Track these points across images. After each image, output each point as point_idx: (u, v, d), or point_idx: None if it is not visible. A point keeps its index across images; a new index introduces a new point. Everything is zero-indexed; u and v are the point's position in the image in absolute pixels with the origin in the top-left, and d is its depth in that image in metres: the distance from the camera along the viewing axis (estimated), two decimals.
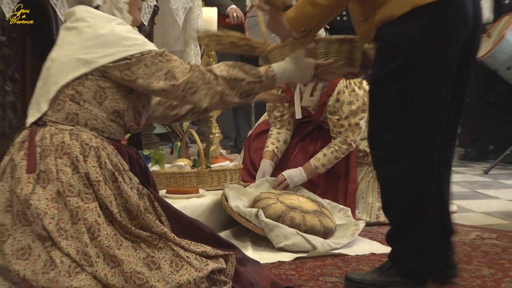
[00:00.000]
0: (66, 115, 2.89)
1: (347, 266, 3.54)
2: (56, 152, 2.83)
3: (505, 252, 3.78)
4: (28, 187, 2.77)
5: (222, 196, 4.00)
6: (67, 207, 2.76)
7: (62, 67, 2.88)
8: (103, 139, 2.91)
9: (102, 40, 2.87)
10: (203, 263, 2.86)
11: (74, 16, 2.95)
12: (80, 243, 2.72)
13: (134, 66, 2.86)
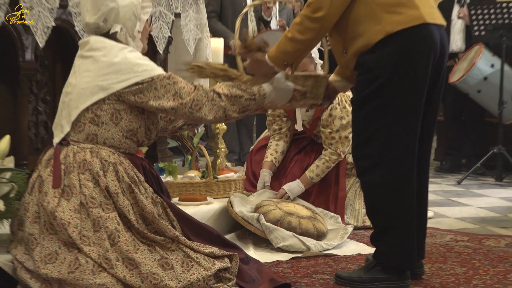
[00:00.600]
0: (87, 135, 2.90)
1: (337, 265, 3.56)
2: (79, 169, 2.84)
3: (475, 253, 3.79)
4: (54, 201, 2.78)
5: (227, 203, 4.02)
6: (89, 217, 2.78)
7: (82, 93, 2.88)
8: (120, 155, 2.93)
9: (116, 68, 2.88)
10: (210, 263, 2.88)
11: (89, 45, 2.96)
12: (102, 249, 2.73)
13: (146, 90, 2.87)
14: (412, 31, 3.00)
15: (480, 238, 4.16)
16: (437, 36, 3.10)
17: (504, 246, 3.96)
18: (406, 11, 3.02)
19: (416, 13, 3.04)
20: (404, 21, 3.02)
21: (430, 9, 3.14)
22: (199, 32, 4.77)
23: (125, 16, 3.01)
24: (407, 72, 3.02)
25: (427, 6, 3.13)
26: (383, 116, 3.04)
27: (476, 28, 6.43)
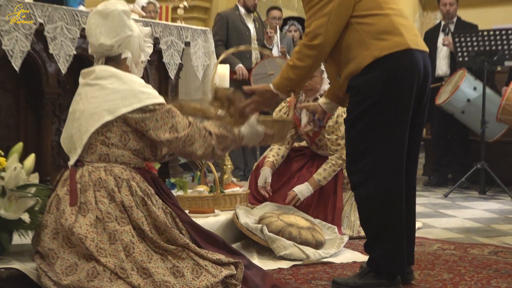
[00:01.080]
0: (99, 156, 2.91)
1: (334, 271, 3.55)
2: (94, 187, 2.84)
3: (461, 260, 3.78)
4: (71, 218, 2.78)
5: (233, 215, 4.02)
6: (105, 231, 2.77)
7: (90, 117, 2.88)
8: (131, 170, 2.93)
9: (122, 94, 2.89)
10: (218, 270, 2.87)
11: (94, 74, 2.97)
12: (117, 259, 2.73)
13: (148, 119, 2.89)
14: (397, 55, 3.06)
15: (466, 246, 4.15)
16: (420, 60, 3.15)
17: (488, 254, 3.95)
18: (392, 38, 3.09)
19: (400, 40, 3.10)
20: (390, 47, 3.08)
21: (413, 37, 3.19)
22: (207, 59, 4.80)
23: (134, 45, 3.07)
24: (394, 93, 3.07)
25: (411, 34, 3.18)
26: (373, 134, 3.08)
27: (460, 54, 6.45)
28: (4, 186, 2.83)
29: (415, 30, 3.30)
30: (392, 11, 3.21)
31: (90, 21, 3.04)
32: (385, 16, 3.18)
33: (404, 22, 3.24)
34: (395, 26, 3.15)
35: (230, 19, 6.80)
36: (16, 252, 2.99)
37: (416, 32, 3.31)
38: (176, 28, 4.56)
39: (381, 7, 3.20)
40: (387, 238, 3.12)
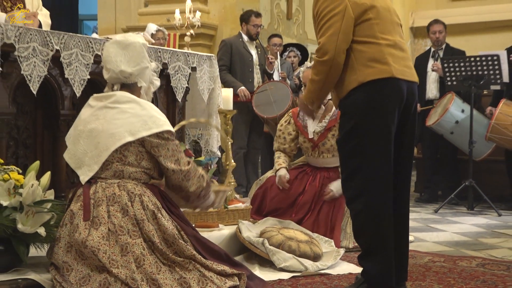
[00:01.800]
0: (114, 172, 2.94)
1: (331, 282, 3.54)
2: (108, 201, 2.86)
3: (451, 272, 3.78)
4: (84, 232, 2.80)
5: (236, 229, 4.03)
6: (117, 243, 2.79)
7: (111, 136, 2.91)
8: (142, 185, 2.97)
9: (142, 119, 2.95)
10: (222, 282, 2.89)
11: (114, 98, 3.02)
12: (129, 271, 2.74)
13: (161, 147, 2.97)
14: (380, 82, 3.15)
15: (455, 259, 4.14)
16: (404, 89, 3.22)
17: (475, 266, 3.94)
18: (378, 66, 3.18)
19: (386, 68, 3.18)
20: (374, 73, 3.17)
21: (402, 67, 3.26)
22: (212, 83, 4.82)
23: (147, 76, 3.17)
24: (375, 116, 3.14)
25: (400, 64, 3.24)
26: (360, 154, 3.15)
27: (449, 78, 6.47)
28: (22, 201, 2.84)
29: (407, 61, 3.35)
30: (385, 41, 3.27)
31: (109, 50, 3.10)
32: (377, 45, 3.25)
33: (396, 52, 3.29)
34: (383, 56, 3.22)
35: (234, 46, 6.83)
36: (33, 264, 3.00)
37: (408, 63, 3.37)
38: (183, 54, 4.59)
39: (376, 36, 3.27)
40: (377, 252, 3.13)
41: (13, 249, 2.86)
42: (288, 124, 4.74)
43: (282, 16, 9.56)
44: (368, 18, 3.31)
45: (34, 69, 3.42)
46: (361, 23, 3.28)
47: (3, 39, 3.26)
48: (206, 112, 4.92)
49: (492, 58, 6.24)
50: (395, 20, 3.45)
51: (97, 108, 3.02)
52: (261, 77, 6.92)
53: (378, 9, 3.34)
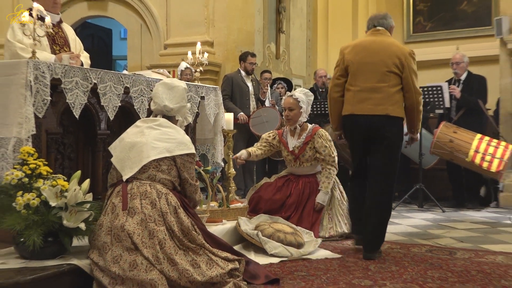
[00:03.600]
0: (148, 175, 3.00)
1: (311, 265, 3.54)
2: (141, 196, 2.92)
3: (405, 256, 3.79)
4: (123, 219, 2.84)
5: (236, 224, 4.02)
6: (146, 229, 2.83)
7: (153, 149, 3.02)
8: (167, 188, 3.03)
9: (177, 141, 3.10)
10: (225, 264, 2.92)
11: (158, 122, 3.16)
12: (154, 250, 2.77)
13: (187, 163, 3.14)
14: (345, 117, 3.92)
15: (408, 246, 4.15)
16: (362, 120, 3.80)
17: (425, 252, 3.95)
18: (346, 106, 3.90)
19: (348, 107, 3.87)
20: (344, 110, 3.91)
21: (360, 105, 3.80)
22: (217, 109, 4.83)
23: (183, 113, 3.35)
24: (348, 138, 4.00)
25: (364, 103, 3.78)
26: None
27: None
28: (66, 203, 2.85)
29: (374, 100, 3.76)
30: (357, 87, 3.82)
31: (158, 88, 3.28)
32: (351, 91, 3.85)
33: (363, 95, 3.78)
34: (350, 99, 3.85)
35: (234, 79, 6.87)
36: (75, 252, 3.00)
37: (375, 102, 3.76)
38: (194, 86, 4.61)
39: (351, 84, 3.85)
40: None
41: (60, 240, 2.86)
42: (274, 139, 4.76)
43: (271, 56, 9.60)
44: (351, 71, 3.85)
45: (76, 98, 3.43)
46: (348, 73, 3.86)
47: (52, 75, 3.27)
48: (212, 131, 4.93)
49: (436, 88, 6.28)
50: (378, 70, 3.78)
51: (144, 128, 3.14)
52: (255, 104, 6.95)
53: (358, 64, 3.83)
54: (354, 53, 3.85)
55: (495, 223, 5.34)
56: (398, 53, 3.76)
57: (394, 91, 3.76)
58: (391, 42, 3.85)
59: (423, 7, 11.79)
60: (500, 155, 5.67)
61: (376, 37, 3.89)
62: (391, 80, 3.76)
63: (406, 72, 3.75)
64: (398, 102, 3.78)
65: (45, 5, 3.90)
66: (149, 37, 8.72)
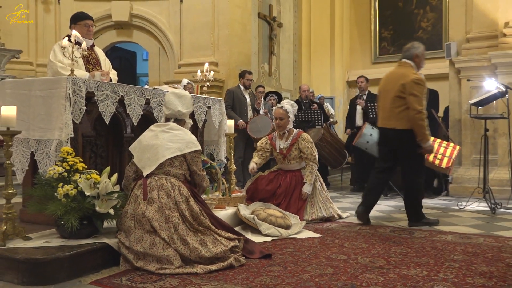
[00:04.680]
0: (164, 171, 2.97)
1: (297, 243, 3.53)
2: (158, 188, 2.91)
3: (373, 236, 3.78)
4: (144, 207, 2.84)
5: (236, 209, 4.00)
6: (163, 215, 2.82)
7: (167, 149, 3.00)
8: (180, 181, 3.01)
9: (186, 141, 3.06)
10: (228, 243, 2.92)
11: (169, 126, 3.11)
12: (169, 233, 2.76)
13: (195, 158, 3.10)
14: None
15: (376, 227, 4.14)
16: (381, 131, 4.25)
17: (389, 232, 3.94)
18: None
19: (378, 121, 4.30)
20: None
21: (380, 120, 4.23)
22: (221, 116, 4.82)
23: (188, 117, 3.33)
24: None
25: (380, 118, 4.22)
26: None
27: (371, 112, 6.47)
28: (99, 192, 2.83)
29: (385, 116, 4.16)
30: (380, 108, 4.27)
31: (170, 97, 3.26)
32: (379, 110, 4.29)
33: (380, 113, 4.23)
34: (378, 115, 4.27)
35: (235, 93, 6.84)
36: (105, 233, 2.99)
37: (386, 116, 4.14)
38: (203, 98, 4.59)
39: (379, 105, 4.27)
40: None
41: (93, 223, 2.85)
42: (266, 144, 4.74)
43: (265, 74, 9.60)
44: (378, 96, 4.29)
45: (107, 108, 3.41)
46: None
47: (87, 89, 3.25)
48: (217, 135, 4.92)
49: None
50: (390, 95, 4.12)
51: (158, 131, 3.11)
52: (252, 112, 6.93)
53: (380, 91, 4.29)
54: (381, 84, 4.30)
55: (445, 208, 5.34)
56: (403, 81, 4.03)
57: (399, 110, 4.05)
58: (403, 73, 4.09)
59: (387, 34, 11.81)
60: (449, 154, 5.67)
61: (396, 69, 4.21)
62: (398, 102, 4.06)
63: (406, 94, 3.99)
64: (403, 118, 4.03)
65: (81, 33, 3.95)
66: (166, 59, 8.70)
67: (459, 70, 6.52)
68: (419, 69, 4.20)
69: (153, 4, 8.64)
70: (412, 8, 11.49)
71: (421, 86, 3.98)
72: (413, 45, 4.19)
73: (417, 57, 4.16)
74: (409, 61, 4.16)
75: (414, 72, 4.07)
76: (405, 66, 4.14)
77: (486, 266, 2.88)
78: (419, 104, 3.96)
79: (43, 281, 2.48)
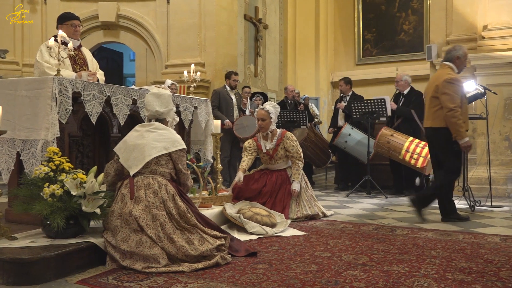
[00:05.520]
0: (151, 170, 2.94)
1: (282, 241, 3.52)
2: (145, 187, 2.88)
3: (357, 233, 3.79)
4: (131, 206, 2.81)
5: (223, 208, 3.98)
6: (150, 213, 2.80)
7: (152, 148, 2.96)
8: (167, 180, 2.98)
9: (172, 140, 3.03)
10: (214, 241, 2.91)
11: (154, 126, 3.06)
12: (156, 231, 2.75)
13: (180, 157, 3.06)
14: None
15: (359, 225, 4.16)
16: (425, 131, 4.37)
17: (372, 229, 3.96)
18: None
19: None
20: None
21: (424, 120, 4.34)
22: (207, 117, 4.81)
23: (172, 114, 3.25)
24: None
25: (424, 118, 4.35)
26: None
27: (355, 113, 6.48)
28: (85, 192, 2.80)
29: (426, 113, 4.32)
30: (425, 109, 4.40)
31: (149, 98, 3.19)
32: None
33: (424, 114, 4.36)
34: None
35: (221, 93, 6.83)
36: (92, 232, 2.95)
37: (426, 115, 4.32)
38: (189, 98, 4.57)
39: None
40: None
41: (79, 223, 2.82)
42: (252, 144, 4.73)
43: (251, 75, 9.59)
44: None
45: (93, 108, 3.37)
46: None
47: (74, 89, 3.22)
48: (204, 134, 4.90)
49: (380, 101, 6.31)
50: (428, 96, 4.27)
51: (143, 131, 3.05)
52: (238, 113, 6.92)
53: (424, 93, 4.41)
54: (426, 85, 4.40)
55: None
56: (437, 82, 4.15)
57: (435, 110, 4.18)
58: (439, 74, 4.23)
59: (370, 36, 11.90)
60: (424, 154, 5.74)
61: (437, 72, 4.36)
62: (434, 102, 4.19)
63: (439, 94, 4.11)
64: (438, 117, 4.15)
65: (68, 33, 3.91)
66: (153, 59, 8.65)
67: None
68: (460, 71, 4.30)
69: (140, 5, 8.58)
70: (395, 11, 11.59)
71: (454, 85, 4.08)
72: (454, 48, 4.31)
73: (458, 59, 4.26)
74: (449, 63, 4.27)
75: (449, 73, 4.17)
76: (444, 67, 4.27)
77: (466, 262, 2.91)
78: (452, 102, 4.05)
79: (29, 281, 2.44)
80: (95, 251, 2.77)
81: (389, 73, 10.94)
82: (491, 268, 2.79)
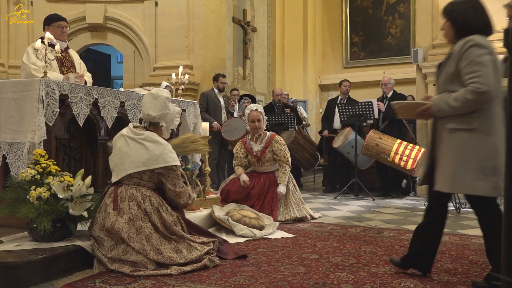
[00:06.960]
0: (134, 182, 2.90)
1: (270, 243, 3.53)
2: (129, 199, 2.84)
3: (344, 235, 3.81)
4: (113, 218, 2.78)
5: (211, 211, 3.98)
6: (134, 226, 2.77)
7: (132, 163, 2.86)
8: (152, 190, 2.91)
9: (155, 157, 2.86)
10: (202, 248, 2.90)
11: (144, 136, 2.91)
12: (141, 244, 2.73)
13: (166, 175, 2.89)
14: None
15: (347, 227, 4.18)
16: None
17: (359, 231, 3.99)
18: None
19: None
20: None
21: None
22: (195, 119, 4.80)
23: (168, 119, 3.07)
24: None
25: None
26: None
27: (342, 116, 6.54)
28: (72, 195, 2.79)
29: None
30: None
31: (145, 98, 3.05)
32: None
33: None
34: None
35: (209, 96, 6.83)
36: (79, 235, 2.93)
37: None
38: (177, 101, 4.57)
39: None
40: None
41: (66, 226, 2.80)
42: (241, 149, 4.74)
43: (239, 77, 9.60)
44: None
45: (81, 110, 3.35)
46: None
47: (61, 91, 3.20)
48: None
49: (368, 103, 6.37)
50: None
51: (131, 138, 2.92)
52: (226, 115, 6.92)
53: None
54: None
55: (413, 208, 5.45)
56: None
57: None
58: None
59: (358, 40, 11.99)
60: (414, 156, 5.81)
61: None
62: None
63: None
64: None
65: (55, 34, 3.88)
66: (141, 61, 8.61)
67: (426, 75, 6.68)
68: None
69: (128, 7, 8.54)
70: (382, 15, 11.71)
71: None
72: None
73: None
74: None
75: None
76: None
77: (451, 263, 2.95)
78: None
79: (15, 285, 2.42)
80: (82, 254, 2.75)
81: (376, 76, 11.04)
82: (476, 269, 2.83)
